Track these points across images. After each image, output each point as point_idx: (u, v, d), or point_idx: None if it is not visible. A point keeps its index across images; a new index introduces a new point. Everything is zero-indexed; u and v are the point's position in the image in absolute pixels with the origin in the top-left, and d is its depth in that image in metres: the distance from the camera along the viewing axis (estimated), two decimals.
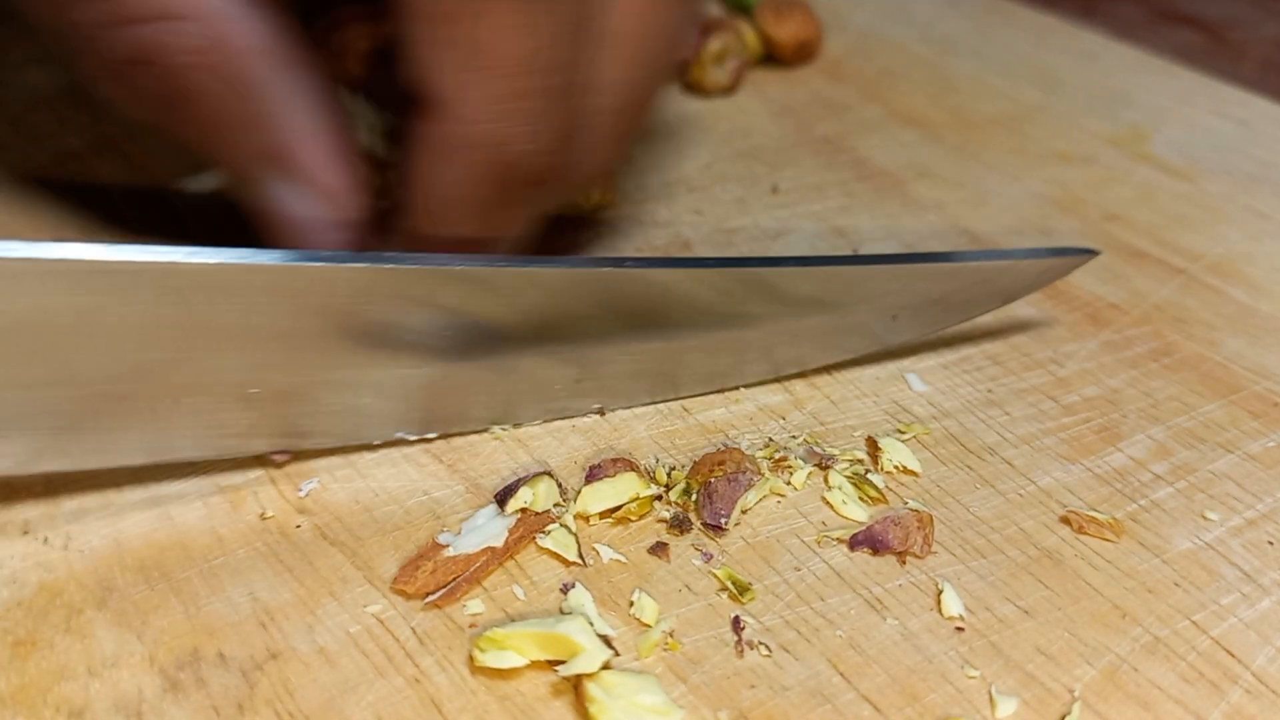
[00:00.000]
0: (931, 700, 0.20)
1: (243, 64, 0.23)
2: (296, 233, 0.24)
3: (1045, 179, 0.38)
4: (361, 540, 0.23)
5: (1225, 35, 0.53)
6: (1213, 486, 0.26)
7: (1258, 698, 0.21)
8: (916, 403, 0.27)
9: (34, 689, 0.20)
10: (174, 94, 0.23)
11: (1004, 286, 0.28)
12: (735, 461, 0.24)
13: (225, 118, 0.23)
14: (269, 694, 0.20)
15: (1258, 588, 0.23)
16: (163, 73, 0.23)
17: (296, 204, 0.24)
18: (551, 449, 0.25)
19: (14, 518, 0.23)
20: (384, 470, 0.24)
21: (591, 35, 0.23)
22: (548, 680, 0.20)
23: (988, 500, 0.25)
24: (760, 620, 0.22)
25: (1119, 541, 0.24)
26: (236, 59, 0.23)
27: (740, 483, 0.24)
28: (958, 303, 0.28)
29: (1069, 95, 0.43)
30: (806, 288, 0.26)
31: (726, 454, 0.25)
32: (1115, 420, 0.27)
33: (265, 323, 0.21)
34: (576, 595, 0.22)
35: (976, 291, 0.28)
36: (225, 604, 0.21)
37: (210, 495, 0.24)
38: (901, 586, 0.23)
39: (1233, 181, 0.38)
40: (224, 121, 0.23)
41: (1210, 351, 0.30)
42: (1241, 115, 0.42)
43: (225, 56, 0.23)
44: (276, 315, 0.21)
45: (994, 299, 0.28)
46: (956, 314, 0.28)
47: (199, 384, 0.22)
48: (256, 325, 0.21)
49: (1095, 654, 0.21)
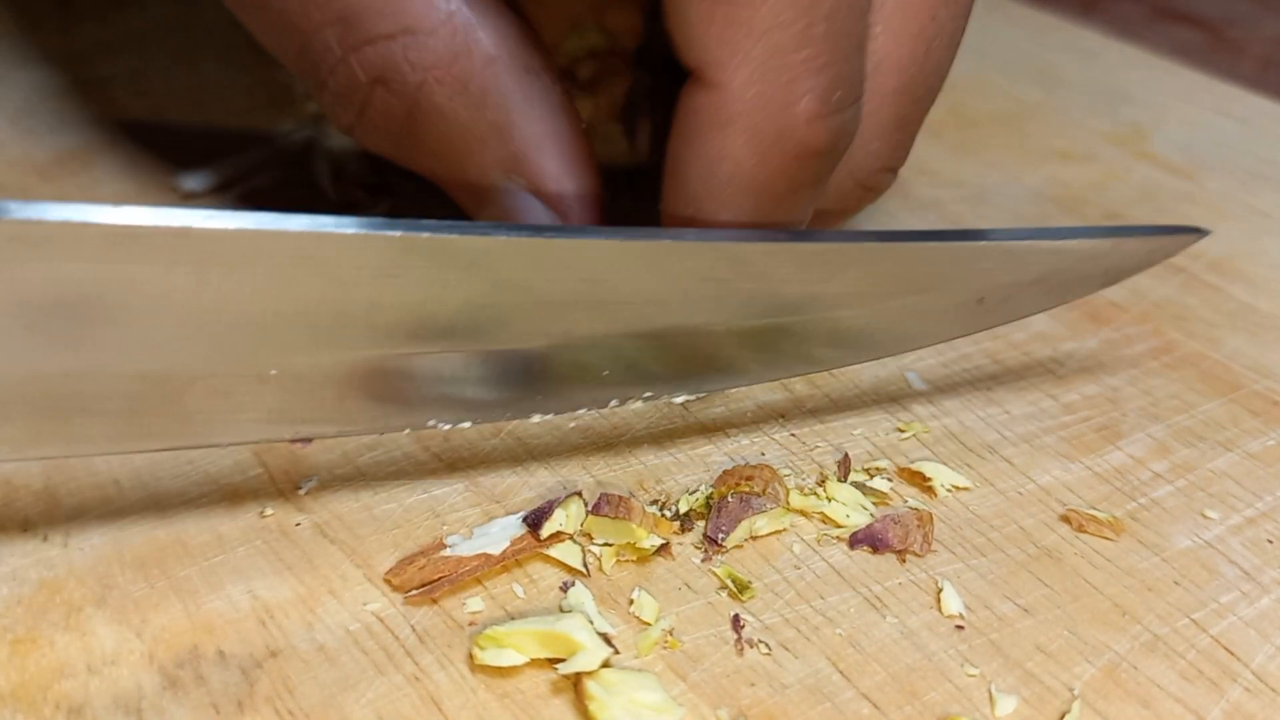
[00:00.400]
0: (931, 698, 0.20)
1: (486, 74, 0.22)
2: None
3: (1045, 177, 0.38)
4: (361, 538, 0.23)
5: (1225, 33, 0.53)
6: (1212, 485, 0.26)
7: (1257, 695, 0.21)
8: (916, 401, 0.27)
9: (33, 686, 0.20)
10: (415, 111, 0.23)
11: (1108, 268, 0.25)
12: (765, 480, 0.24)
13: (466, 131, 0.23)
14: (269, 691, 0.20)
15: (1257, 586, 0.23)
16: (404, 90, 0.22)
17: (538, 215, 0.24)
18: (550, 448, 0.25)
19: (13, 515, 0.23)
20: (383, 468, 0.24)
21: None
22: (547, 678, 0.20)
23: (987, 498, 0.25)
24: (760, 618, 0.22)
25: (1118, 540, 0.24)
26: (480, 70, 0.22)
27: (752, 506, 0.23)
28: (1055, 285, 0.25)
29: (1069, 93, 0.43)
30: (886, 266, 0.23)
31: (756, 470, 0.24)
32: (1115, 418, 0.27)
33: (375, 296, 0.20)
34: (576, 593, 0.22)
35: (1077, 273, 0.25)
36: (225, 602, 0.21)
37: (210, 493, 0.24)
38: (901, 585, 0.23)
39: (1233, 179, 0.38)
40: (465, 135, 0.23)
41: (1210, 349, 0.30)
42: (1241, 113, 0.42)
43: (469, 68, 0.22)
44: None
45: (1093, 282, 0.25)
46: (1052, 298, 0.25)
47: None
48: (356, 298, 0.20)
49: (1095, 652, 0.21)
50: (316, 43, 0.22)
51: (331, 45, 0.22)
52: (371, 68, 0.22)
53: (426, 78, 0.22)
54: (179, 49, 0.42)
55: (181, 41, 0.42)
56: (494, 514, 0.23)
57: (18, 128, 0.36)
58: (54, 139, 0.36)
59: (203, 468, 0.24)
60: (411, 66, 0.22)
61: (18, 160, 0.34)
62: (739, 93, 0.21)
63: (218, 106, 0.39)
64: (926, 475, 0.25)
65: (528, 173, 0.23)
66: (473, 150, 0.23)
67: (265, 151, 0.36)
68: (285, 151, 0.36)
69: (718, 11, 0.20)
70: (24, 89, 0.38)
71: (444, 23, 0.22)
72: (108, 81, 0.39)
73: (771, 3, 0.20)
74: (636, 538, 0.22)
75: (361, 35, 0.22)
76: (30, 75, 0.39)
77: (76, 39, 0.42)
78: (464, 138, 0.23)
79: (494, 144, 0.23)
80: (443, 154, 0.23)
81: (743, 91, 0.21)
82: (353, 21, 0.22)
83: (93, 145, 0.35)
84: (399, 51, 0.22)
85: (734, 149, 0.21)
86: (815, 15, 0.21)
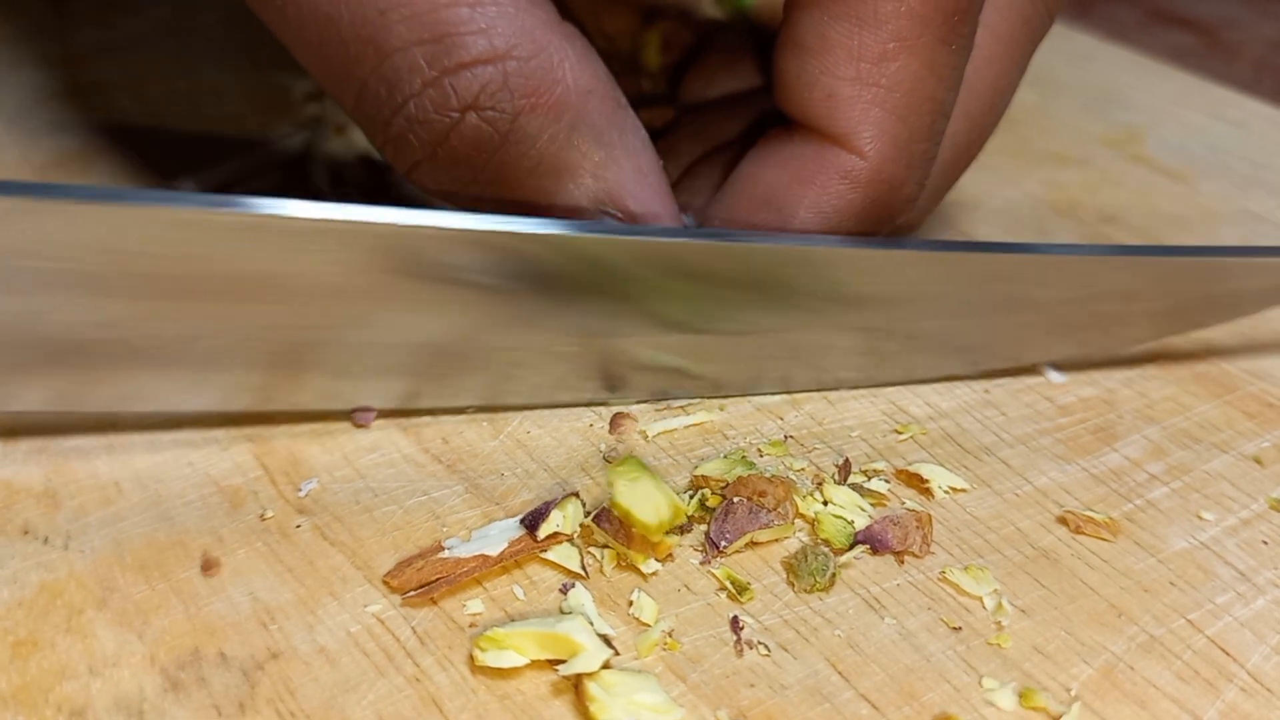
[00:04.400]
0: (930, 699, 0.21)
1: (583, 106, 0.22)
2: None
3: (1041, 180, 0.38)
4: (361, 540, 0.23)
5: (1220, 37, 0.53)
6: (1208, 486, 0.26)
7: (1253, 696, 0.21)
8: (913, 403, 0.28)
9: (35, 688, 0.20)
10: (509, 140, 0.22)
11: (1273, 288, 0.25)
12: (778, 498, 0.24)
13: (559, 161, 0.23)
14: (270, 693, 0.20)
15: (1252, 587, 0.23)
16: (500, 117, 0.22)
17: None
18: (549, 450, 0.25)
19: (14, 518, 0.23)
20: (383, 471, 0.24)
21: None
22: (548, 679, 0.20)
23: (984, 500, 0.25)
24: (759, 619, 0.22)
25: (1115, 541, 0.24)
26: (577, 101, 0.22)
27: (760, 519, 0.23)
28: (1221, 305, 0.25)
29: (1064, 97, 0.43)
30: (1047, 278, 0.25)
31: (770, 484, 0.24)
32: (1111, 420, 0.27)
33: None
34: (576, 595, 0.22)
35: (1243, 293, 0.25)
36: (226, 604, 0.21)
37: (210, 495, 0.24)
38: (900, 586, 0.23)
39: (1228, 182, 0.38)
40: (558, 165, 0.23)
41: (1205, 352, 0.30)
42: (1236, 116, 0.43)
43: (566, 98, 0.22)
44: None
45: (1255, 303, 0.25)
46: (1210, 317, 0.26)
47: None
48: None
49: (1092, 653, 0.22)
50: (400, 62, 0.21)
51: (420, 66, 0.21)
52: (467, 91, 0.22)
53: (526, 105, 0.22)
54: (176, 53, 0.42)
55: (179, 45, 0.42)
56: (494, 516, 0.24)
57: (15, 130, 0.36)
58: (52, 142, 0.36)
59: (203, 469, 0.24)
60: (511, 93, 0.22)
61: (15, 163, 0.34)
62: (875, 164, 0.24)
63: (215, 110, 0.39)
64: (924, 477, 0.25)
65: (621, 204, 0.24)
66: (563, 181, 0.23)
67: (263, 155, 0.36)
68: (283, 155, 0.36)
69: (866, 93, 0.23)
70: (22, 92, 0.38)
71: (542, 50, 0.22)
72: (105, 85, 0.39)
73: (916, 95, 0.23)
74: (634, 560, 0.22)
75: (460, 58, 0.21)
76: (28, 78, 0.39)
77: (74, 42, 0.42)
78: (557, 168, 0.23)
79: (588, 176, 0.23)
80: (532, 184, 0.23)
81: (879, 164, 0.24)
82: (449, 43, 0.21)
83: (90, 148, 0.35)
84: (499, 77, 0.21)
85: (849, 203, 0.24)
86: (941, 111, 0.24)
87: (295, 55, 0.23)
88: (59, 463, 0.24)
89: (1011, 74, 0.27)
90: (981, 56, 0.26)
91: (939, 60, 0.23)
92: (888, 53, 0.23)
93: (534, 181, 0.23)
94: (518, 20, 0.21)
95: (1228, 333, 0.31)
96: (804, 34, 0.23)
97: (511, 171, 0.23)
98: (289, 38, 0.23)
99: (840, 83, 0.23)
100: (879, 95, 0.23)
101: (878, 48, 0.23)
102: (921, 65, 0.23)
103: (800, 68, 0.24)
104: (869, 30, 0.23)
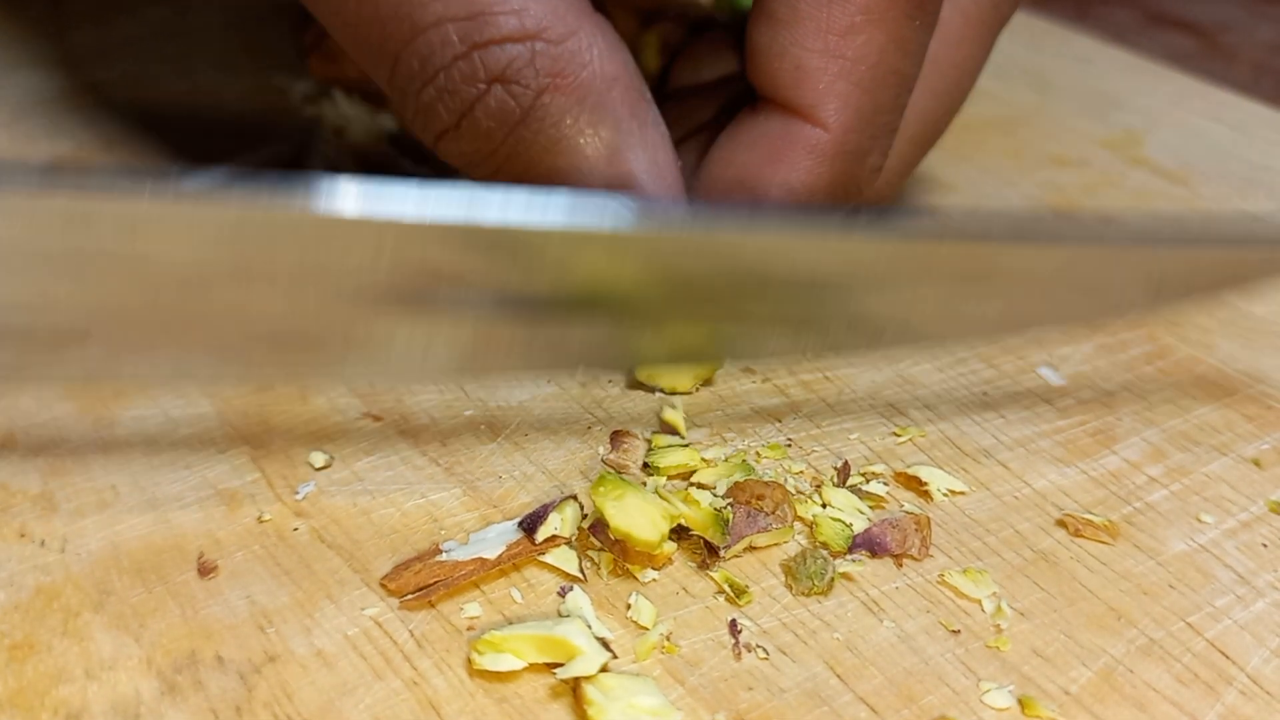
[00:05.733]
0: (928, 702, 0.20)
1: (607, 93, 0.23)
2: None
3: (1039, 182, 0.38)
4: (358, 543, 0.23)
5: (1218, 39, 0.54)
6: (1207, 489, 0.26)
7: (1252, 699, 0.21)
8: (912, 405, 0.28)
9: (31, 692, 0.20)
10: (530, 116, 0.23)
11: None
12: (775, 501, 0.24)
13: (577, 144, 0.23)
14: (267, 697, 0.20)
15: (1252, 590, 0.23)
16: (524, 93, 0.22)
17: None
18: (548, 452, 0.25)
19: (10, 521, 0.23)
20: (380, 474, 0.24)
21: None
22: (546, 683, 0.20)
23: (983, 503, 0.25)
24: (757, 623, 0.22)
25: (1114, 544, 0.24)
26: (602, 88, 0.23)
27: (758, 524, 0.23)
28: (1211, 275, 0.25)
29: (1063, 99, 0.43)
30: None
31: (768, 489, 0.24)
32: (1110, 423, 0.27)
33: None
34: (574, 598, 0.22)
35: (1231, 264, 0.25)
36: (222, 607, 0.21)
37: (207, 498, 0.24)
38: (898, 589, 0.23)
39: (1226, 185, 0.38)
40: (575, 147, 0.23)
41: (1204, 355, 0.30)
42: (1235, 119, 0.43)
43: (591, 83, 0.23)
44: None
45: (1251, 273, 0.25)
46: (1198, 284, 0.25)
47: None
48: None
49: (1091, 656, 0.22)
50: (434, 37, 0.22)
51: (452, 40, 0.22)
52: (495, 64, 0.22)
53: (550, 84, 0.22)
54: (174, 53, 0.42)
55: (177, 46, 0.42)
56: (491, 519, 0.23)
57: (13, 132, 0.36)
58: (49, 143, 0.36)
59: (200, 472, 0.24)
60: (537, 71, 0.22)
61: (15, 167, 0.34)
62: (839, 136, 0.24)
63: (213, 111, 0.39)
64: (923, 479, 0.25)
65: (634, 193, 0.24)
66: (578, 163, 0.23)
67: (261, 155, 0.36)
68: (281, 155, 0.36)
69: (833, 65, 0.24)
70: (19, 93, 0.38)
71: (573, 35, 0.22)
72: (103, 86, 0.39)
73: (881, 68, 0.24)
74: (633, 571, 0.22)
75: (490, 34, 0.22)
76: (25, 79, 0.39)
77: (72, 43, 0.42)
78: (572, 150, 0.23)
79: (604, 163, 0.23)
80: (548, 163, 0.23)
81: (842, 136, 0.24)
82: (481, 20, 0.22)
83: (88, 149, 0.35)
84: (526, 54, 0.22)
85: (817, 177, 0.25)
86: (905, 85, 0.25)
87: (330, 30, 0.24)
88: (55, 466, 0.24)
89: (978, 56, 0.28)
90: (952, 36, 0.27)
91: (904, 34, 0.24)
92: (855, 25, 0.23)
93: (549, 160, 0.23)
94: (550, 4, 0.22)
95: (1227, 334, 0.31)
96: (776, 5, 0.24)
97: (529, 148, 0.23)
98: (325, 14, 0.23)
99: (808, 54, 0.24)
100: (845, 68, 0.24)
101: (845, 20, 0.23)
102: (887, 39, 0.24)
103: (771, 39, 0.24)
104: (838, 3, 0.23)
